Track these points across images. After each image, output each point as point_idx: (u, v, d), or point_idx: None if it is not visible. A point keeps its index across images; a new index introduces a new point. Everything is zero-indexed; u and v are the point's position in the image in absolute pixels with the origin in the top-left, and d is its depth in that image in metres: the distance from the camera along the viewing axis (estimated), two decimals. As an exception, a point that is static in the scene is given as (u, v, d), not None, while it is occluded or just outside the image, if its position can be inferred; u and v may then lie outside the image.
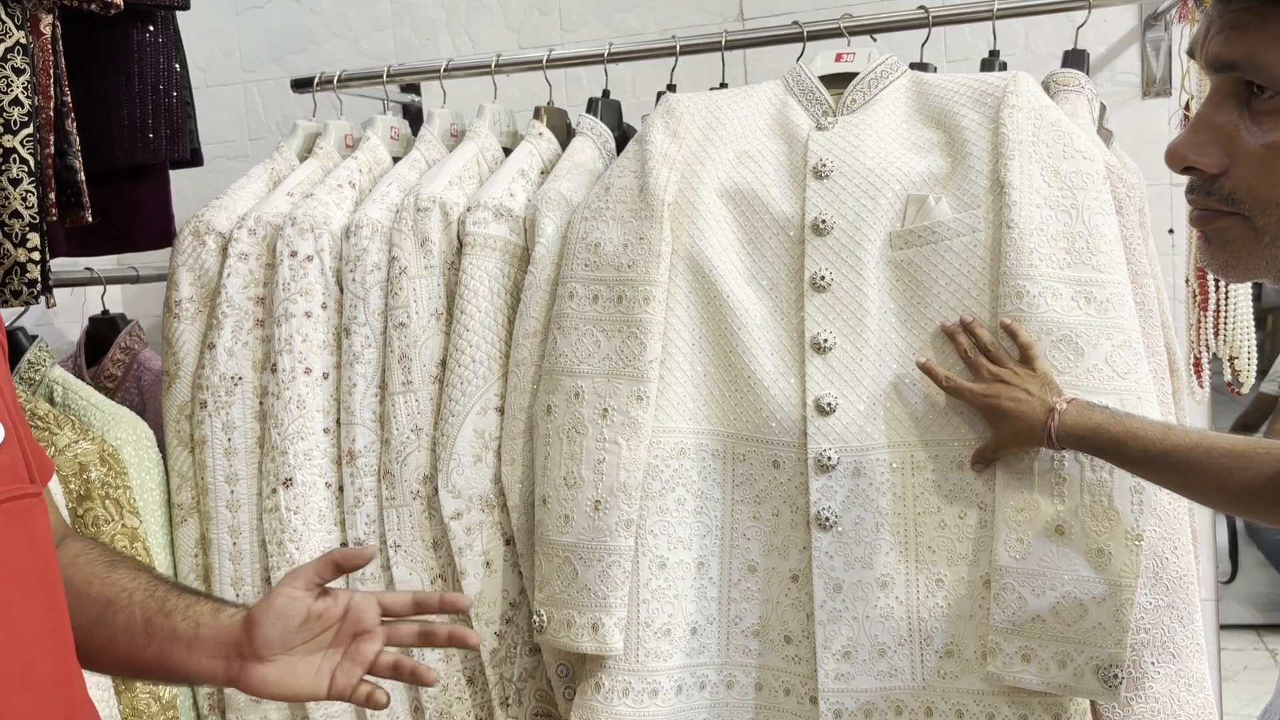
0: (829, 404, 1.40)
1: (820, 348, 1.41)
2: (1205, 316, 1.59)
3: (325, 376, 1.61)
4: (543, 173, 1.67)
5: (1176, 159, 0.80)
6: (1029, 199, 1.34)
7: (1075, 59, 1.55)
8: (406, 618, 1.06)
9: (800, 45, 1.63)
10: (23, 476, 0.86)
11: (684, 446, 1.45)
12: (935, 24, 1.60)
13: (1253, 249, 0.77)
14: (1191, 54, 0.82)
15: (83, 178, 1.48)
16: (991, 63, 1.59)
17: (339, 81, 1.87)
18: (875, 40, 1.64)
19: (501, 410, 1.54)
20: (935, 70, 1.62)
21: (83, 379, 1.88)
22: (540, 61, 1.76)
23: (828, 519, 1.40)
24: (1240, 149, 0.76)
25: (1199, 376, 1.61)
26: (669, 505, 1.44)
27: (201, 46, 2.32)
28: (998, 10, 1.57)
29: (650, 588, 1.43)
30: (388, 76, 1.85)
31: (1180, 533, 1.38)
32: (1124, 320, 1.32)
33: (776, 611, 1.45)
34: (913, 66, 1.58)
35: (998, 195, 1.36)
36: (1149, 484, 1.30)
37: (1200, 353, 1.60)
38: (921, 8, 1.61)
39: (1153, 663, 1.35)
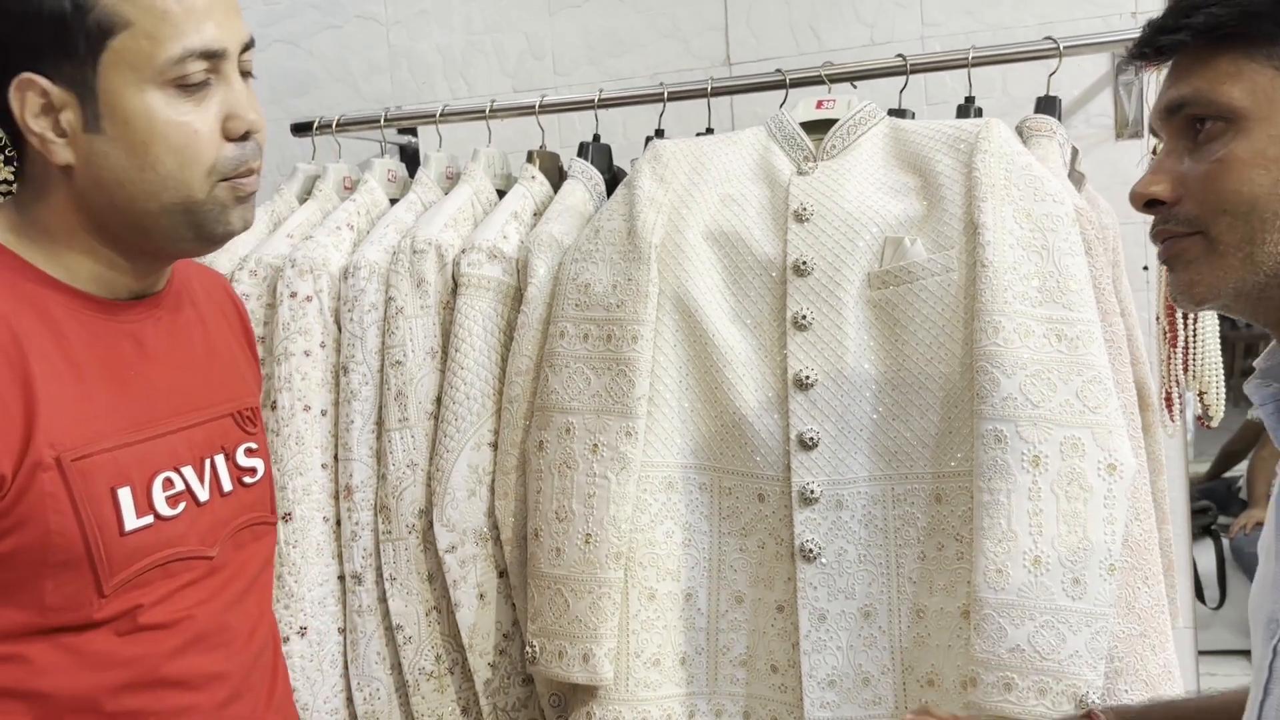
0: (811, 439, 1.45)
1: (802, 384, 1.46)
2: (1175, 353, 1.64)
3: (324, 413, 1.66)
4: (535, 214, 1.73)
5: (1138, 198, 0.88)
6: (1002, 239, 1.40)
7: (1047, 105, 1.61)
8: None
9: (783, 92, 1.69)
10: (268, 507, 1.10)
11: (672, 480, 1.50)
12: (913, 71, 1.66)
13: (1212, 262, 0.83)
14: (1151, 130, 0.89)
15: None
16: (967, 109, 1.65)
17: (338, 126, 1.92)
18: (855, 87, 1.70)
19: (495, 446, 1.59)
20: (914, 116, 1.68)
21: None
22: (533, 107, 1.82)
23: (811, 551, 1.44)
24: (1189, 177, 0.84)
25: (1170, 411, 1.66)
26: (657, 538, 1.49)
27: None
28: (973, 59, 1.63)
29: (640, 619, 1.47)
30: (385, 121, 1.90)
31: (1151, 563, 1.42)
32: (1094, 357, 1.37)
33: (763, 641, 1.49)
34: (891, 112, 1.64)
35: (971, 236, 1.41)
36: (1121, 515, 1.35)
37: (1171, 388, 1.65)
38: (899, 55, 1.67)
39: (1126, 690, 1.39)
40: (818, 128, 1.60)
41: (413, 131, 2.15)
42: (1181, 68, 0.84)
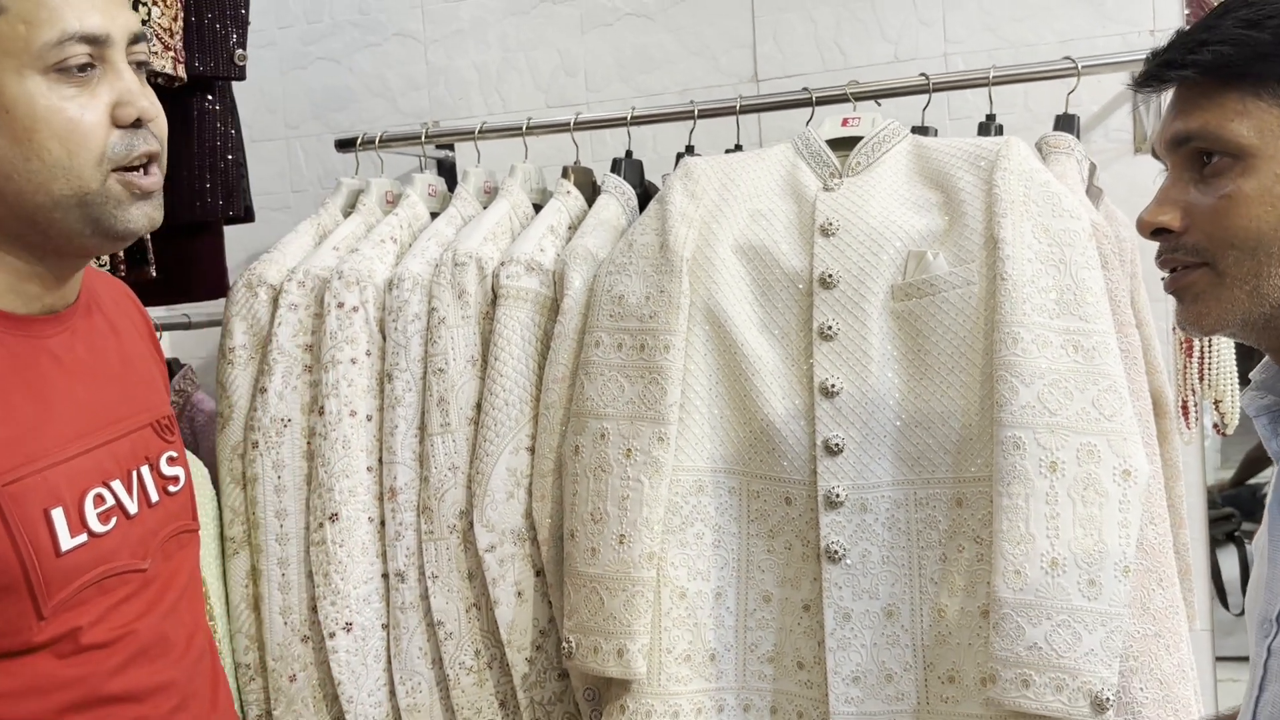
0: (836, 444, 1.51)
1: (828, 392, 1.52)
2: (1191, 362, 1.69)
3: (369, 419, 1.73)
4: (570, 228, 1.80)
5: (1145, 225, 0.92)
6: (1021, 253, 1.45)
7: (1066, 123, 1.67)
8: None
9: (810, 109, 1.75)
10: (190, 515, 1.09)
11: (702, 484, 1.56)
12: (935, 90, 1.72)
13: (1219, 294, 0.88)
14: (1154, 153, 0.94)
15: (149, 237, 1.61)
16: (988, 126, 1.71)
17: (380, 142, 2.00)
18: (880, 105, 1.76)
19: (532, 450, 1.66)
20: (937, 133, 1.74)
21: (139, 420, 2.01)
22: (568, 124, 1.89)
23: (837, 552, 1.50)
24: (1196, 208, 0.88)
25: (1186, 419, 1.71)
26: (688, 539, 1.55)
27: (248, 104, 2.46)
28: (993, 78, 1.69)
29: (671, 616, 1.54)
30: (425, 137, 1.98)
31: (1165, 566, 1.47)
32: (1109, 367, 1.42)
33: (790, 639, 1.56)
34: (915, 129, 1.70)
35: (991, 250, 1.47)
36: (1135, 519, 1.40)
37: (1187, 396, 1.70)
38: (923, 74, 1.73)
39: (1141, 689, 1.44)
40: (843, 144, 1.66)
41: (450, 146, 2.22)
42: (1187, 100, 0.88)
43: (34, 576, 0.88)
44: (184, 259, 1.81)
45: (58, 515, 0.90)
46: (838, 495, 1.50)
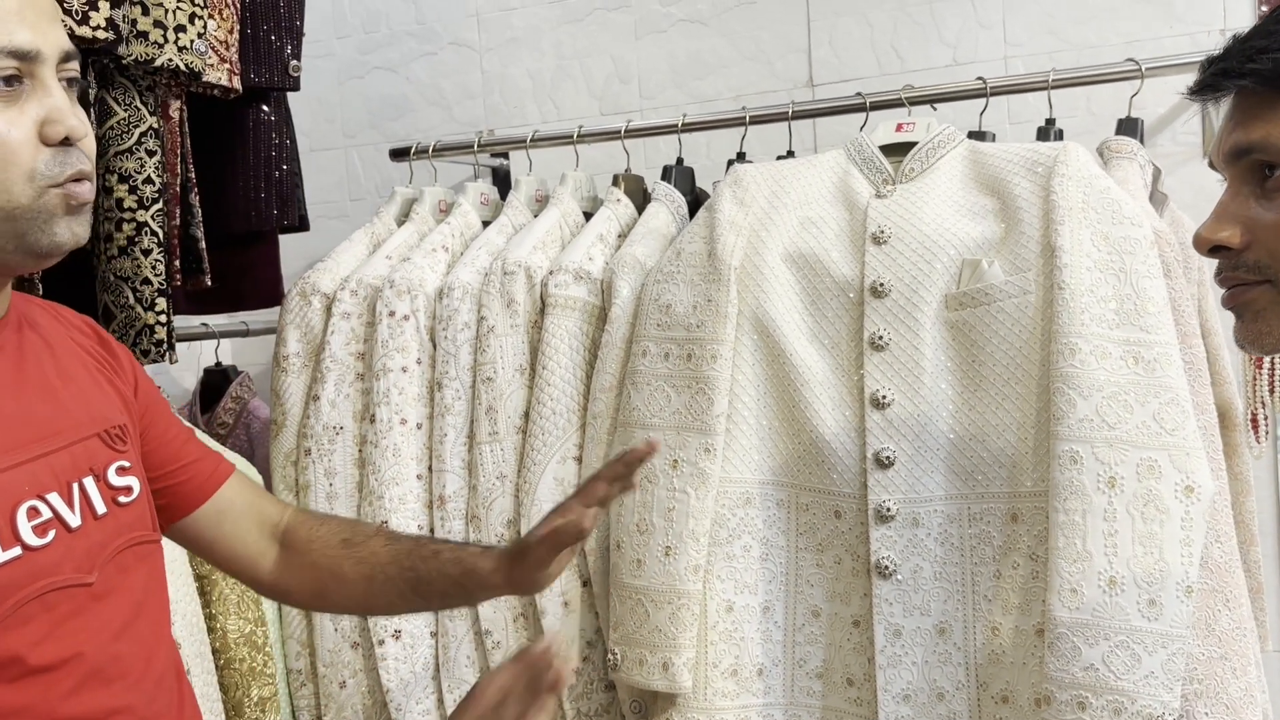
0: (888, 457, 1.48)
1: (879, 404, 1.49)
2: (1260, 374, 1.63)
3: (419, 427, 1.74)
4: (620, 236, 1.79)
5: (1202, 242, 0.88)
6: (1079, 262, 1.41)
7: (1128, 127, 1.62)
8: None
9: (865, 114, 1.72)
10: (149, 525, 1.04)
11: (750, 496, 1.54)
12: (993, 94, 1.67)
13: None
14: (1211, 165, 0.90)
15: (204, 246, 1.63)
16: (1048, 131, 1.66)
17: (434, 151, 2.01)
18: (936, 110, 1.72)
19: (580, 459, 1.65)
20: (994, 137, 1.70)
21: (197, 426, 2.04)
22: (619, 132, 1.88)
23: (887, 567, 1.47)
24: (1259, 224, 0.84)
25: (1256, 432, 1.65)
26: (735, 552, 1.53)
27: (306, 114, 2.49)
28: (1052, 81, 1.64)
29: (718, 630, 1.52)
30: (478, 146, 1.98)
31: (1233, 586, 1.42)
32: (1171, 379, 1.37)
33: (839, 655, 1.53)
34: (972, 134, 1.66)
35: (1048, 259, 1.43)
36: (1198, 537, 1.35)
37: (1257, 408, 1.63)
38: (979, 78, 1.69)
39: (1206, 713, 1.39)
40: (897, 150, 1.63)
41: (505, 155, 2.23)
42: (1246, 110, 0.84)
43: None
44: (239, 267, 1.83)
45: None
46: (888, 509, 1.47)
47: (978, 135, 1.67)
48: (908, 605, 1.47)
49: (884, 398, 1.48)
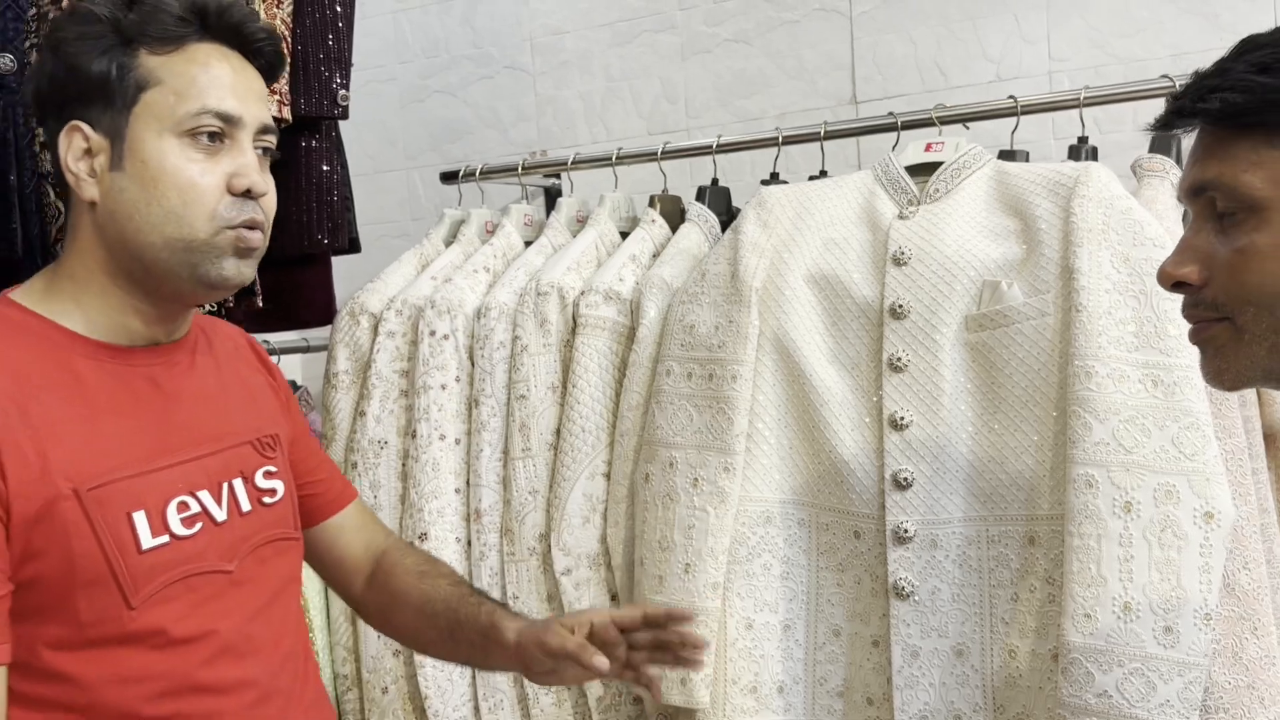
0: (906, 479, 1.48)
1: (897, 425, 1.49)
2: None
3: (457, 442, 1.80)
4: (654, 256, 1.82)
5: (1164, 278, 0.89)
6: (1097, 284, 1.40)
7: (1162, 144, 1.59)
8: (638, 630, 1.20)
9: (913, 130, 1.71)
10: (290, 525, 1.20)
11: (770, 515, 1.56)
12: (1024, 112, 1.66)
13: (1238, 350, 0.84)
14: (1180, 200, 0.90)
15: (256, 278, 1.71)
16: (1079, 149, 1.65)
17: (481, 174, 2.07)
18: (968, 129, 1.72)
19: (608, 476, 1.69)
20: (1027, 157, 1.69)
21: (259, 438, 2.13)
22: (655, 154, 1.92)
23: (904, 589, 1.48)
24: (1215, 260, 0.84)
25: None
26: (755, 570, 1.55)
27: (370, 137, 2.59)
28: (1084, 99, 1.63)
29: (737, 647, 1.54)
30: (522, 169, 2.04)
31: (1261, 613, 1.39)
32: (1192, 403, 1.35)
33: (859, 674, 1.53)
34: (1003, 154, 1.65)
35: (1067, 281, 1.42)
36: (1218, 564, 1.33)
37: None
38: (1010, 97, 1.68)
39: (1228, 743, 1.36)
40: (926, 170, 1.63)
41: (557, 175, 2.28)
42: (1204, 147, 0.84)
43: (119, 570, 0.99)
44: (293, 288, 1.91)
45: (139, 518, 1.01)
46: (906, 530, 1.48)
47: (1009, 155, 1.66)
48: (925, 626, 1.48)
49: (902, 419, 1.49)
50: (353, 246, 2.00)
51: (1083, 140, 1.66)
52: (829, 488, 1.54)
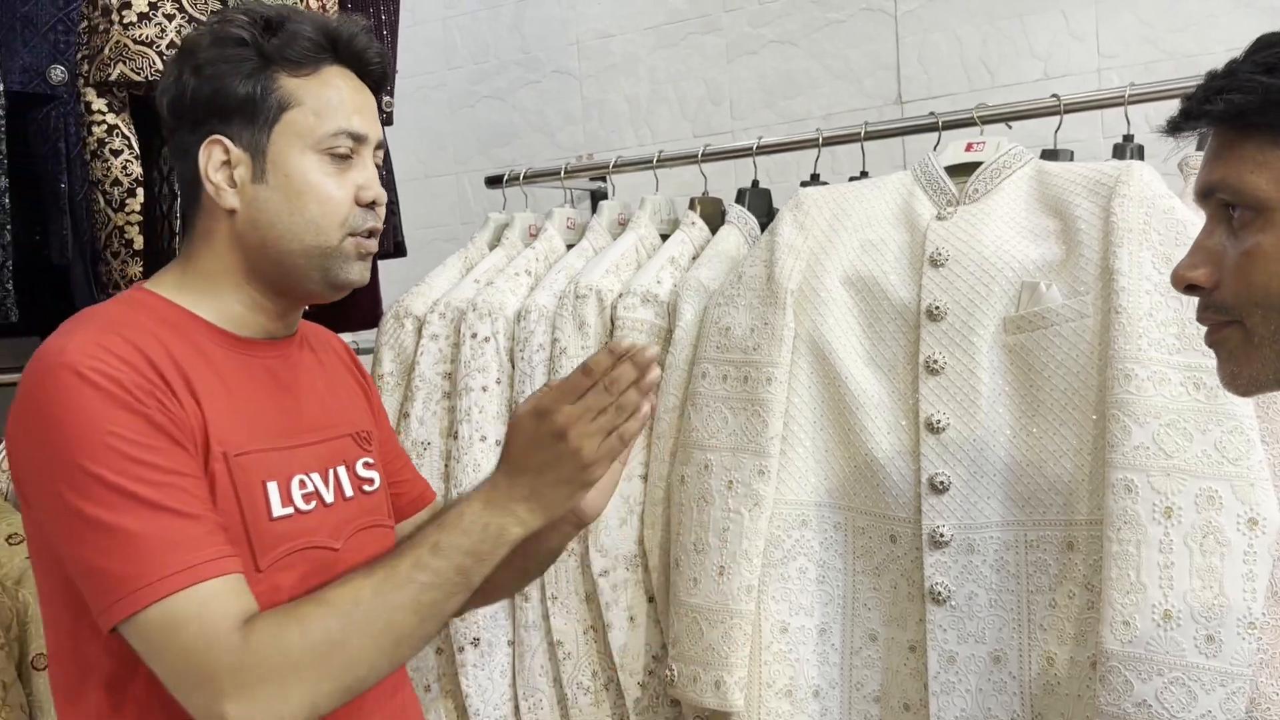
0: (942, 482, 1.47)
1: (934, 428, 1.48)
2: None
3: (498, 444, 1.81)
4: (693, 259, 1.82)
5: (1178, 279, 0.87)
6: (1138, 285, 1.37)
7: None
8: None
9: (959, 130, 1.69)
10: (385, 513, 1.26)
11: (806, 518, 1.55)
12: (1067, 110, 1.64)
13: (1249, 354, 0.83)
14: (1194, 200, 0.89)
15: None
16: (1124, 148, 1.62)
17: (525, 178, 2.09)
18: (1011, 128, 1.69)
19: (645, 478, 1.69)
20: (1071, 156, 1.66)
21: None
22: (696, 156, 1.92)
23: (941, 593, 1.46)
24: (1225, 262, 0.83)
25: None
26: (790, 573, 1.55)
27: (422, 143, 2.63)
28: (1129, 95, 1.60)
29: (772, 650, 1.54)
30: (565, 173, 2.05)
31: (1309, 623, 1.35)
32: (1235, 406, 1.32)
33: (896, 680, 1.52)
34: (1046, 153, 1.63)
35: (1106, 282, 1.39)
36: (1263, 571, 1.29)
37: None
38: (1054, 95, 1.66)
39: (1274, 755, 1.32)
40: (966, 170, 1.61)
41: (603, 178, 2.29)
42: (1214, 149, 0.83)
43: (253, 533, 1.07)
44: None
45: (272, 487, 1.10)
46: (942, 535, 1.46)
47: (1052, 154, 1.64)
48: (962, 632, 1.46)
49: (939, 422, 1.48)
50: (398, 251, 2.03)
51: (1128, 138, 1.63)
52: (865, 491, 1.53)
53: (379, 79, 1.19)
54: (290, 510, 1.10)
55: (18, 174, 1.46)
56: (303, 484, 1.13)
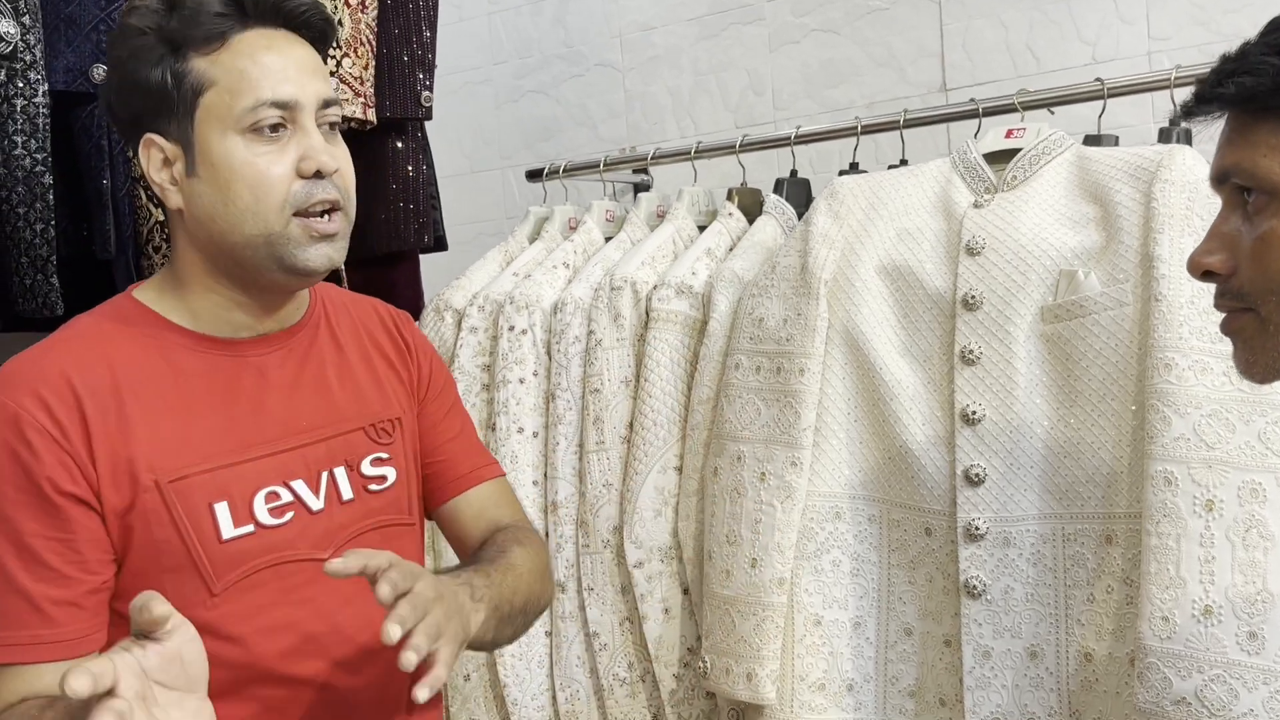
0: (978, 475, 1.44)
1: (970, 419, 1.45)
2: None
3: (535, 435, 1.82)
4: (730, 250, 1.81)
5: (1195, 266, 0.85)
6: (1179, 272, 1.33)
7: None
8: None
9: (1007, 117, 1.65)
10: (404, 510, 1.19)
11: (840, 510, 1.54)
12: (1111, 95, 1.60)
13: (1264, 341, 0.81)
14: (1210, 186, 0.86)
15: (342, 268, 1.77)
16: (1170, 132, 1.57)
17: (564, 171, 2.09)
18: (1053, 114, 1.66)
19: (680, 469, 1.69)
20: (1116, 141, 1.62)
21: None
22: (734, 146, 1.91)
23: (976, 587, 1.44)
24: (1241, 248, 0.80)
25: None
26: (824, 566, 1.53)
27: (468, 138, 2.65)
28: (1175, 79, 1.55)
29: (805, 643, 1.52)
30: (604, 166, 2.06)
31: (1360, 621, 1.30)
32: (1279, 396, 1.28)
33: (932, 674, 1.50)
34: (1088, 139, 1.59)
35: (1147, 269, 1.36)
36: (1309, 567, 1.25)
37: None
38: (1098, 79, 1.62)
39: (1321, 757, 1.28)
40: (1008, 157, 1.58)
41: (646, 170, 2.29)
42: (1228, 134, 0.81)
43: (199, 559, 1.03)
44: (383, 285, 1.96)
45: (221, 509, 1.04)
46: (978, 528, 1.44)
47: (1095, 140, 1.60)
48: (998, 626, 1.43)
49: (974, 413, 1.45)
50: (439, 245, 2.04)
51: (1174, 122, 1.58)
52: (899, 483, 1.51)
53: (320, 28, 1.09)
54: (249, 528, 1.05)
55: (63, 171, 1.50)
56: (273, 496, 1.07)
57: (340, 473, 1.12)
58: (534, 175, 2.15)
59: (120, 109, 1.08)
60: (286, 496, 1.08)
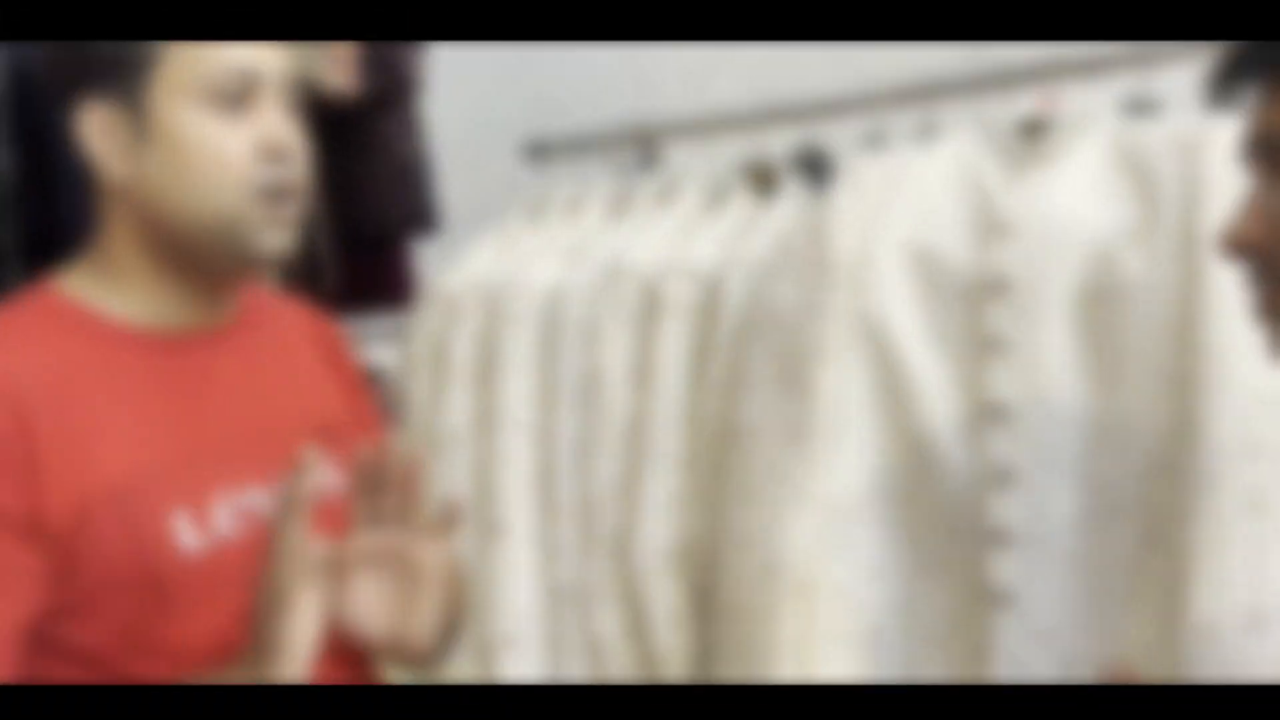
0: (1006, 470, 1.35)
1: (998, 412, 1.36)
2: None
3: (532, 430, 1.73)
4: (742, 232, 1.72)
5: (1233, 240, 0.78)
6: (1227, 253, 1.24)
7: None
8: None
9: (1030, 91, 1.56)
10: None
11: (856, 510, 1.45)
12: (1152, 62, 1.50)
13: None
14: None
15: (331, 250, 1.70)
16: (1210, 103, 1.47)
17: (569, 150, 2.01)
18: (1090, 83, 1.56)
19: (688, 466, 1.60)
20: (1161, 113, 1.52)
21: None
22: (747, 121, 1.82)
23: (1005, 593, 1.35)
24: (1276, 220, 0.72)
25: None
26: (840, 570, 1.44)
27: (469, 117, 2.56)
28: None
29: (821, 652, 1.44)
30: (611, 144, 1.97)
31: None
32: (1337, 386, 1.18)
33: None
34: (1127, 110, 1.50)
35: (1191, 249, 1.27)
36: (1370, 573, 1.16)
37: None
38: (1134, 47, 1.52)
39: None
40: (1040, 129, 1.49)
41: (653, 148, 2.19)
42: (1270, 92, 0.72)
43: (151, 579, 0.96)
44: (372, 270, 1.89)
45: (178, 517, 0.97)
46: (1007, 528, 1.35)
47: (1134, 110, 1.50)
48: (1029, 634, 1.34)
49: (1004, 405, 1.36)
50: (431, 229, 1.96)
51: (1213, 90, 1.48)
52: (921, 481, 1.42)
53: None
54: (207, 539, 0.98)
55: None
56: (230, 504, 1.00)
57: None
58: (535, 153, 2.06)
59: (57, 70, 1.01)
60: (244, 504, 1.01)
